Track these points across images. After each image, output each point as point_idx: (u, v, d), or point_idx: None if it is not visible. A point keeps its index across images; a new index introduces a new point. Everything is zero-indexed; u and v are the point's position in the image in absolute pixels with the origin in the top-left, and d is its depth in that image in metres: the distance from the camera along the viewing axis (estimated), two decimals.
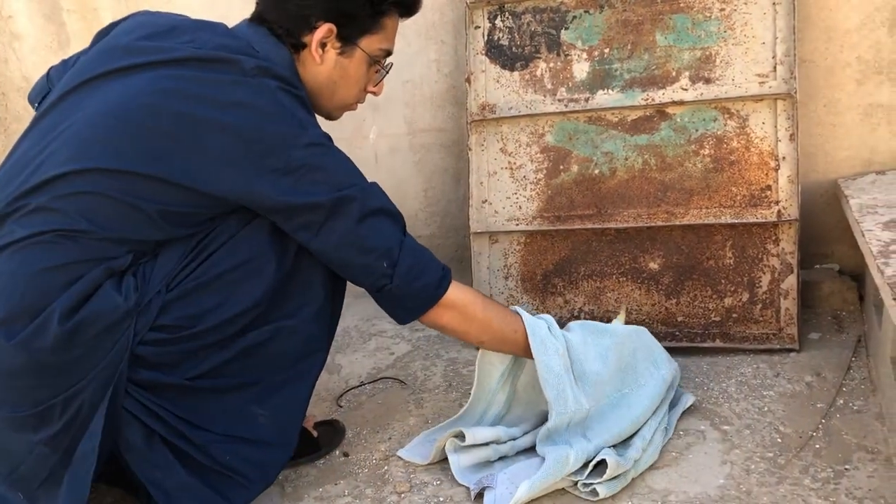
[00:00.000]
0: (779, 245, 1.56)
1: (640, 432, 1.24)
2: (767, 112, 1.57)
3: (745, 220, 1.57)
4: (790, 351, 1.53)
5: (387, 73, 1.30)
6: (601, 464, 1.15)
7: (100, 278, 1.04)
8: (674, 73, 1.63)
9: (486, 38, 1.78)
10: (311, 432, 1.35)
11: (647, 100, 1.64)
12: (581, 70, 1.70)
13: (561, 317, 1.71)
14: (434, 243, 2.09)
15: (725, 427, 1.30)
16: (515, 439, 1.27)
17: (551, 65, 1.73)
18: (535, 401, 1.32)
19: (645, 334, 1.36)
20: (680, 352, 1.60)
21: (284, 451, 1.20)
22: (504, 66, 1.77)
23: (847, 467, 1.15)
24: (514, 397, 1.33)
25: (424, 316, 1.19)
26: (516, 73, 1.76)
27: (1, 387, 1.03)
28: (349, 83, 1.25)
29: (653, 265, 1.65)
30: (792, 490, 1.11)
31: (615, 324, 1.38)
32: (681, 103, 1.62)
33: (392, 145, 2.05)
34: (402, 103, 2.00)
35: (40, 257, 1.03)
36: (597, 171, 1.69)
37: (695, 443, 1.26)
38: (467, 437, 1.22)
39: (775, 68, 1.56)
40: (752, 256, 1.58)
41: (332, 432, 1.39)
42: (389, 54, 1.28)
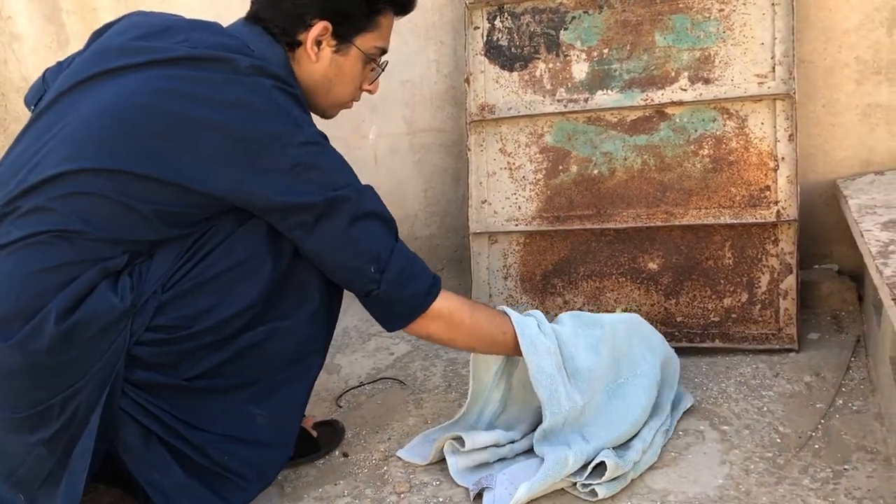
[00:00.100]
0: (778, 245, 1.56)
1: (640, 434, 1.23)
2: (766, 112, 1.57)
3: (744, 221, 1.57)
4: (789, 351, 1.53)
5: (382, 71, 1.30)
6: (600, 465, 1.16)
7: (95, 279, 1.04)
8: (673, 74, 1.63)
9: (485, 38, 1.78)
10: (311, 432, 1.35)
11: (647, 100, 1.64)
12: (580, 70, 1.70)
13: None
14: (433, 243, 2.09)
15: (724, 427, 1.30)
16: (514, 442, 1.27)
17: (550, 65, 1.73)
18: (530, 399, 1.32)
19: (638, 319, 1.34)
20: (679, 352, 1.58)
21: (282, 452, 1.20)
22: (503, 67, 1.77)
23: (846, 467, 1.15)
24: (510, 395, 1.33)
25: (412, 325, 1.17)
26: (515, 74, 1.76)
27: None
28: (344, 81, 1.25)
29: (652, 265, 1.65)
30: (791, 490, 1.11)
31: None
32: (680, 104, 1.62)
33: (391, 145, 2.05)
34: (401, 103, 2.01)
35: (36, 258, 1.02)
36: (596, 172, 1.69)
37: (694, 443, 1.26)
38: (467, 442, 1.22)
39: (774, 69, 1.56)
40: (751, 257, 1.58)
41: (332, 432, 1.39)
42: (385, 52, 1.28)
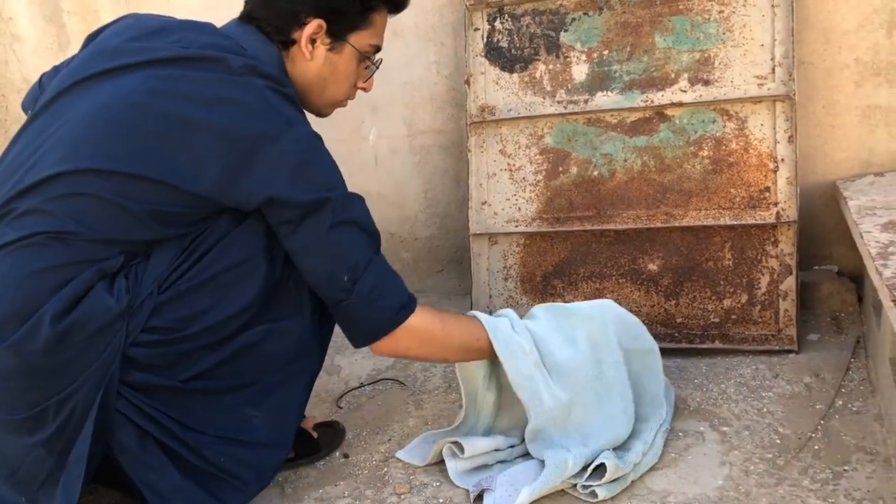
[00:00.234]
0: (778, 246, 1.56)
1: (640, 436, 1.23)
2: (766, 114, 1.57)
3: (743, 222, 1.57)
4: (789, 352, 1.53)
5: (376, 69, 1.30)
6: (600, 466, 1.16)
7: (91, 280, 1.04)
8: (673, 75, 1.63)
9: (485, 40, 1.78)
10: (311, 433, 1.35)
11: (647, 101, 1.64)
12: (580, 72, 1.71)
13: None
14: (433, 245, 2.09)
15: (724, 428, 1.30)
16: (514, 447, 1.27)
17: (550, 67, 1.73)
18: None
19: (612, 305, 1.31)
20: (679, 353, 1.60)
21: (280, 452, 1.20)
22: (503, 68, 1.77)
23: (846, 468, 1.15)
24: (503, 399, 1.30)
25: (379, 343, 1.14)
26: (515, 75, 1.76)
27: None
28: (339, 79, 1.25)
29: (652, 266, 1.65)
30: (791, 491, 1.11)
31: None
32: (680, 105, 1.62)
33: (392, 147, 2.05)
34: (401, 105, 2.01)
35: (31, 259, 1.02)
36: (596, 173, 1.69)
37: (694, 444, 1.26)
38: (466, 449, 1.22)
39: (774, 70, 1.57)
40: (751, 258, 1.58)
41: (332, 434, 1.39)
42: (379, 50, 1.28)
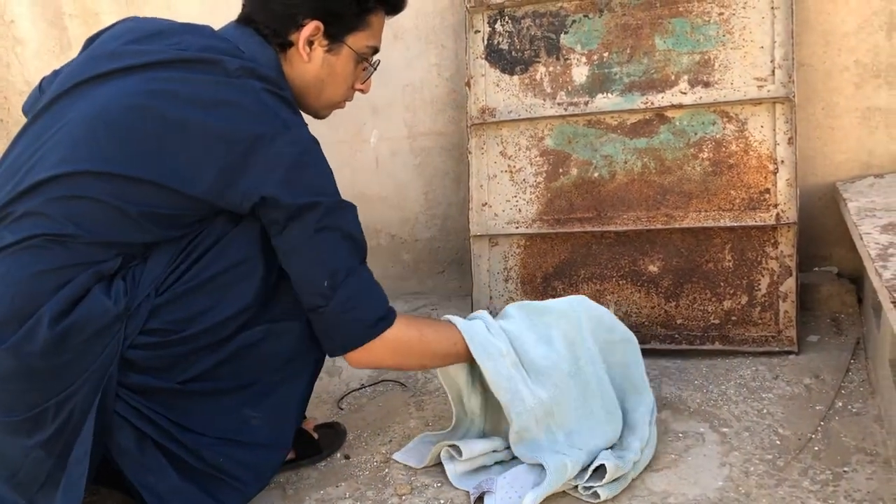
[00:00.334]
0: (777, 248, 1.57)
1: (636, 432, 1.24)
2: (766, 116, 1.58)
3: (743, 224, 1.57)
4: (789, 353, 1.54)
5: (374, 71, 1.31)
6: (601, 467, 1.16)
7: (89, 282, 1.04)
8: (673, 77, 1.64)
9: (486, 42, 1.79)
10: (313, 435, 1.36)
11: (647, 103, 1.64)
12: (580, 74, 1.71)
13: None
14: (434, 246, 2.10)
15: (724, 429, 1.30)
16: (509, 448, 1.26)
17: (551, 69, 1.73)
18: None
19: (586, 301, 1.31)
20: (679, 354, 1.60)
21: (279, 453, 1.20)
22: (504, 70, 1.77)
23: (846, 469, 1.15)
24: (489, 398, 1.30)
25: (356, 354, 1.14)
26: (516, 77, 1.76)
27: None
28: (337, 81, 1.25)
29: (652, 268, 1.66)
30: (791, 492, 1.11)
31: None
32: (680, 107, 1.62)
33: (393, 149, 2.05)
34: (402, 107, 2.01)
35: (29, 262, 1.03)
36: (596, 175, 1.70)
37: (694, 445, 1.26)
38: (464, 452, 1.22)
39: (774, 72, 1.57)
40: (750, 259, 1.58)
41: (333, 435, 1.39)
42: (376, 51, 1.28)
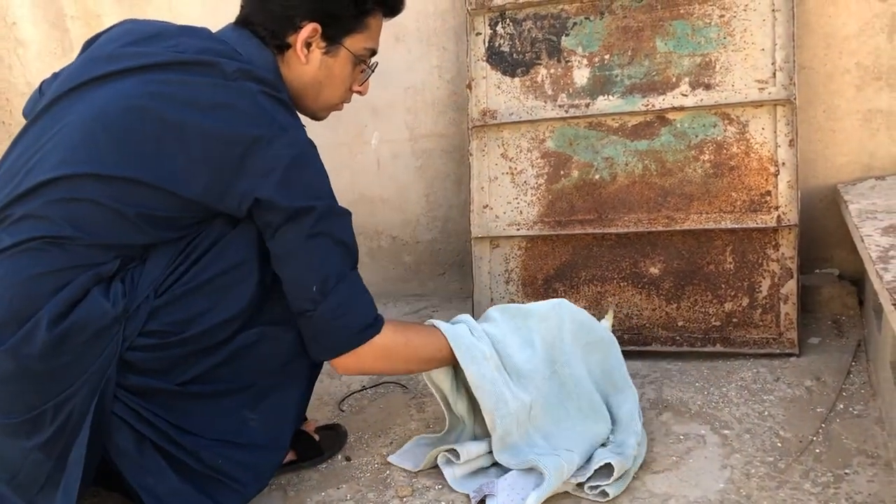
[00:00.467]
0: (779, 250, 1.57)
1: (630, 428, 1.24)
2: (767, 118, 1.58)
3: (745, 226, 1.57)
4: (790, 355, 1.54)
5: (372, 72, 1.31)
6: (606, 465, 1.16)
7: (87, 284, 1.04)
8: (674, 79, 1.64)
9: (487, 44, 1.79)
10: (313, 437, 1.36)
11: (648, 105, 1.64)
12: (581, 76, 1.71)
13: None
14: (435, 248, 2.10)
15: (726, 431, 1.30)
16: None
17: (552, 71, 1.74)
18: None
19: (566, 304, 1.31)
20: (680, 356, 1.60)
21: (277, 454, 1.20)
22: (505, 73, 1.78)
23: (847, 472, 1.15)
24: (475, 402, 1.28)
25: (343, 360, 1.14)
26: (517, 79, 1.77)
27: None
28: (334, 83, 1.25)
29: (653, 270, 1.66)
30: (792, 494, 1.11)
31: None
32: (681, 109, 1.63)
33: (394, 151, 2.06)
34: (403, 109, 2.01)
35: (28, 264, 1.03)
36: (597, 177, 1.70)
37: (695, 447, 1.26)
38: (462, 455, 1.22)
39: (775, 74, 1.57)
40: (752, 261, 1.59)
41: (334, 436, 1.39)
42: (374, 53, 1.28)
